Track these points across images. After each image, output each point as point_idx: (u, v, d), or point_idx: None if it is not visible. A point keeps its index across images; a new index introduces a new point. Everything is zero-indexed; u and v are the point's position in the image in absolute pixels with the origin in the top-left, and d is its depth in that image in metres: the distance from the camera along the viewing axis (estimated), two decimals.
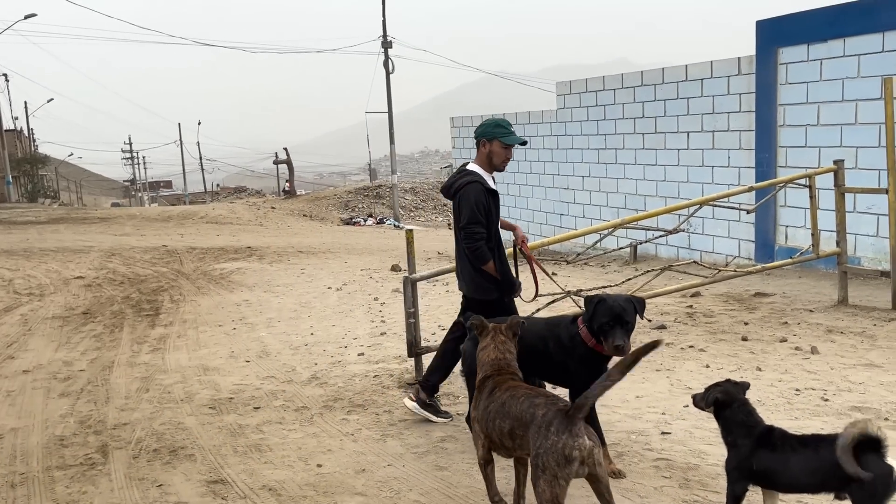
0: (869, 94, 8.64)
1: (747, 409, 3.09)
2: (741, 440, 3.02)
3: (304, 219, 31.84)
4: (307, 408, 5.32)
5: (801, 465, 2.84)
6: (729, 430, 3.08)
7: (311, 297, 10.34)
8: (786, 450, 2.90)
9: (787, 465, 2.87)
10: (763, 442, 2.97)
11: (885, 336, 6.10)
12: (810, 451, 2.84)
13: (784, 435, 2.98)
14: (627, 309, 3.70)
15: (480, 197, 4.52)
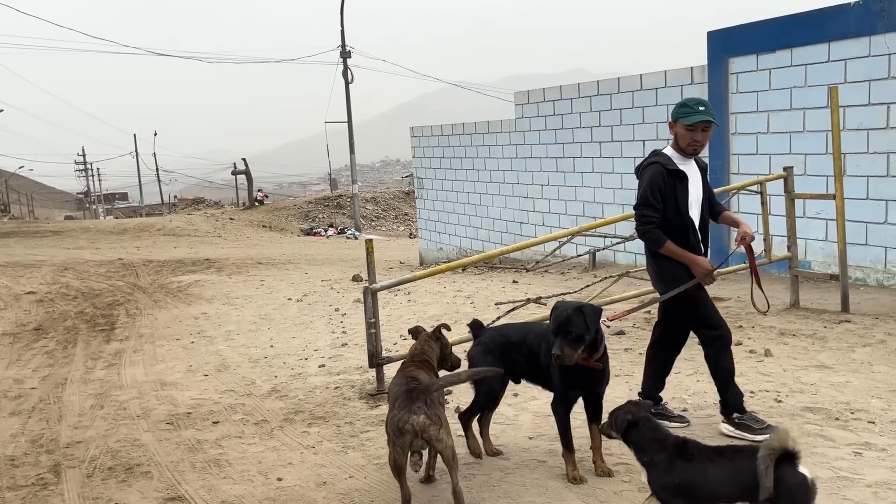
0: (816, 103, 8.90)
1: (652, 424, 3.11)
2: (656, 456, 3.02)
3: (263, 230, 31.52)
4: (267, 421, 5.26)
5: (719, 476, 2.85)
6: (642, 450, 3.08)
7: (271, 308, 10.24)
8: (703, 460, 2.91)
9: (706, 476, 2.88)
10: (678, 454, 2.97)
11: (835, 338, 6.27)
12: (727, 462, 2.85)
13: (699, 446, 3.00)
14: (572, 318, 3.60)
15: (656, 178, 4.22)
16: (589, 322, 3.62)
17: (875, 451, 3.90)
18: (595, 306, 3.90)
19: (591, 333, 3.64)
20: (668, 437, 3.06)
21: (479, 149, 15.81)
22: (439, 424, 3.41)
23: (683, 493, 2.95)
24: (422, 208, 18.62)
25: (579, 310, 3.64)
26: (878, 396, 4.79)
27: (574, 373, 3.77)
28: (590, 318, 3.63)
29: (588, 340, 3.65)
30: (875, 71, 8.37)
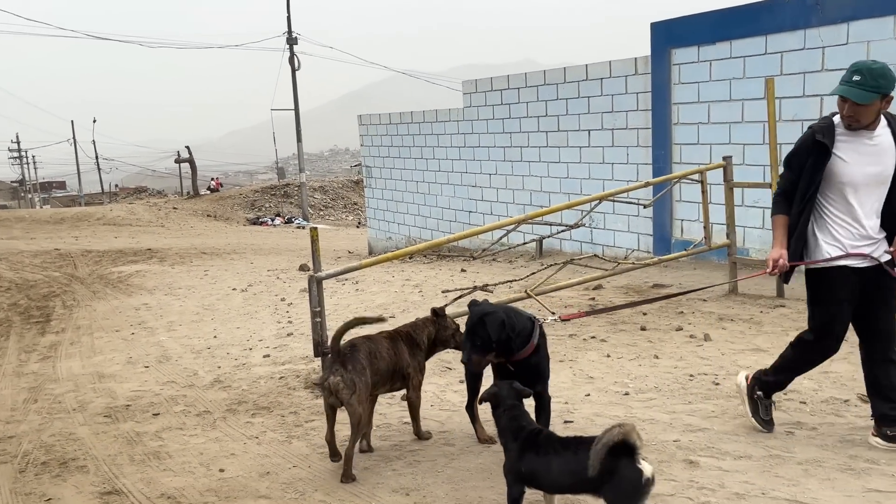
0: (754, 94, 9.13)
1: (513, 413, 3.16)
2: (510, 444, 3.09)
3: (208, 219, 30.91)
4: (209, 412, 5.17)
5: (561, 467, 2.91)
6: (501, 434, 3.17)
7: (215, 299, 10.06)
8: (549, 452, 2.97)
9: (550, 466, 2.94)
10: (529, 445, 3.03)
11: (770, 322, 6.47)
12: (570, 454, 2.90)
13: (549, 437, 3.05)
14: (476, 326, 3.60)
15: (799, 143, 3.82)
16: (491, 331, 3.57)
17: (806, 430, 4.04)
18: (504, 313, 3.68)
19: (495, 341, 3.59)
20: (523, 428, 3.10)
21: (427, 138, 15.78)
22: (351, 389, 3.71)
23: (529, 481, 3.03)
24: (370, 197, 18.51)
25: (482, 319, 3.60)
26: (809, 378, 4.94)
27: (502, 372, 3.81)
28: (491, 328, 3.57)
29: (496, 347, 3.62)
30: (809, 64, 8.64)
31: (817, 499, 3.19)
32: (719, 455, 3.76)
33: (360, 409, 3.74)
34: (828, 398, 4.53)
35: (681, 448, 3.87)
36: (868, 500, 3.16)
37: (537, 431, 3.11)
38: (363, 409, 3.79)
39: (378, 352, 3.97)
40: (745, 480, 3.44)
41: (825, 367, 5.13)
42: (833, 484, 3.34)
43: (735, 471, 3.53)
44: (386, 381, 4.07)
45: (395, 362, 4.06)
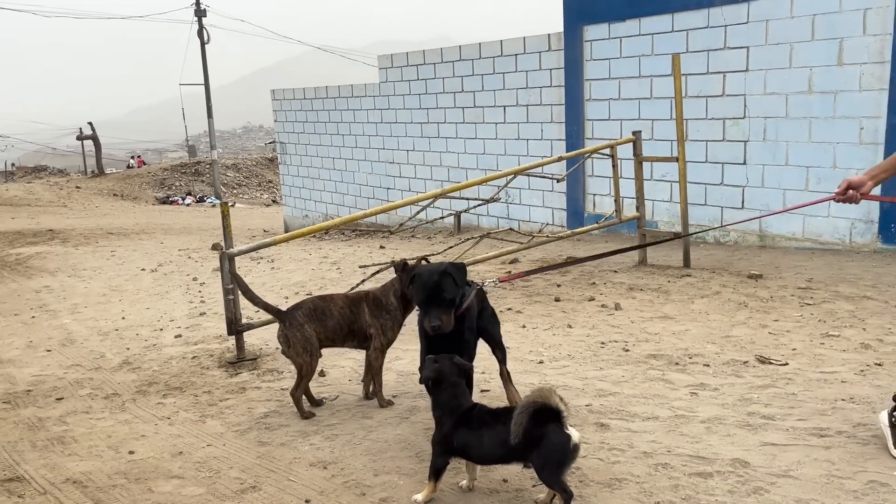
0: (662, 71, 9.41)
1: (454, 391, 3.16)
2: (445, 418, 3.12)
3: (114, 199, 29.63)
4: (118, 394, 4.98)
5: (491, 439, 2.96)
6: (436, 407, 3.18)
7: (123, 280, 9.68)
8: (481, 425, 3.02)
9: (482, 439, 3.00)
10: (463, 421, 3.07)
11: (677, 291, 6.73)
12: (500, 425, 2.93)
13: (482, 411, 3.11)
14: (442, 283, 3.44)
15: None
16: (459, 280, 3.49)
17: (708, 391, 4.24)
18: (457, 263, 3.72)
19: (460, 292, 3.50)
20: (461, 406, 3.13)
21: (343, 113, 15.56)
22: (286, 343, 4.17)
23: (459, 453, 3.08)
24: (286, 174, 18.15)
25: (447, 273, 3.46)
26: (712, 342, 5.20)
27: (432, 338, 3.57)
28: (458, 277, 3.48)
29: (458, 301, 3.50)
30: (713, 41, 8.96)
31: (718, 453, 3.36)
32: (628, 417, 3.90)
33: (299, 358, 4.15)
34: (729, 360, 4.76)
35: (592, 412, 4.00)
36: (764, 453, 3.35)
37: (472, 407, 3.13)
38: (303, 359, 4.15)
39: (327, 309, 4.22)
40: (652, 440, 3.58)
41: (727, 332, 5.40)
42: (733, 439, 3.52)
43: (643, 431, 3.67)
44: (339, 338, 4.27)
45: (351, 321, 4.24)
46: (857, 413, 3.73)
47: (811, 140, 8.26)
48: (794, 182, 8.49)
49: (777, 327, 5.43)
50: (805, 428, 3.59)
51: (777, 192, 8.66)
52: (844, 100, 7.93)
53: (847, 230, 8.12)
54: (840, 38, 7.86)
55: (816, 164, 8.26)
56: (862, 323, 5.38)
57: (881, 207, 7.79)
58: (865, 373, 4.35)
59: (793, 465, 3.20)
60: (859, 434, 3.47)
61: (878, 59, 7.61)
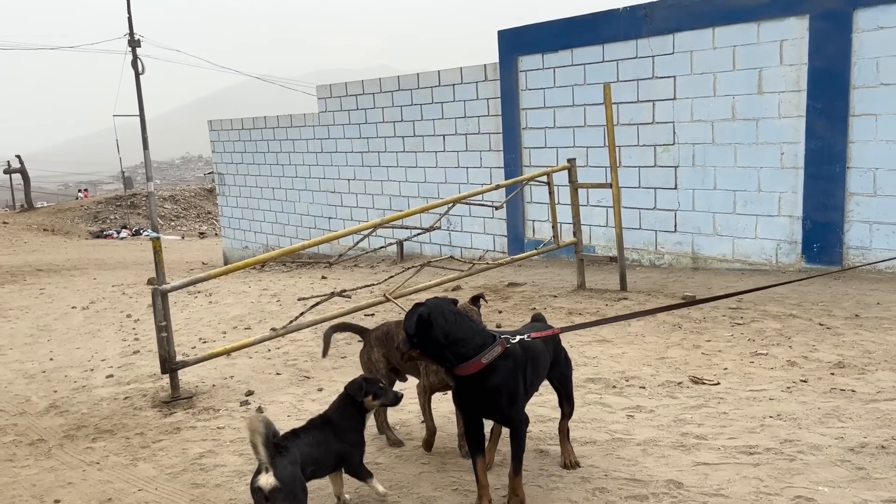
0: (595, 100, 9.67)
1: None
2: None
3: (44, 233, 28.63)
4: (44, 440, 4.78)
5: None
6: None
7: (52, 318, 9.34)
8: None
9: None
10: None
11: (614, 313, 6.85)
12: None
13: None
14: (408, 313, 3.10)
15: None
16: (409, 325, 3.08)
17: (644, 413, 4.32)
18: (447, 315, 3.08)
19: (415, 336, 3.07)
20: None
21: (282, 143, 15.46)
22: (362, 363, 4.23)
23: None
24: (224, 206, 17.87)
25: (413, 309, 3.08)
26: (648, 364, 5.31)
27: (456, 386, 3.25)
28: (410, 321, 3.06)
29: (417, 344, 3.09)
30: (642, 71, 9.26)
31: (653, 475, 3.42)
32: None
33: (366, 367, 4.18)
34: (664, 381, 4.86)
35: (532, 438, 4.02)
36: (697, 473, 3.42)
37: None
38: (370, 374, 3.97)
39: (396, 335, 3.96)
40: (590, 464, 3.62)
41: (662, 354, 5.52)
42: (667, 461, 3.59)
43: (581, 456, 3.71)
44: (405, 368, 4.01)
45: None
46: (784, 430, 3.85)
47: (737, 165, 8.58)
48: (723, 205, 8.78)
49: (709, 347, 5.58)
50: (735, 446, 3.68)
51: (707, 215, 8.95)
52: (766, 126, 8.28)
53: (773, 251, 8.43)
54: (759, 68, 8.23)
55: (742, 187, 8.57)
56: (788, 341, 5.57)
57: (804, 228, 8.12)
58: (792, 390, 4.51)
59: (724, 484, 3.28)
60: (786, 450, 3.58)
61: (795, 88, 7.98)
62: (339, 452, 3.24)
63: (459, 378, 3.08)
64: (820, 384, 4.59)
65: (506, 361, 3.08)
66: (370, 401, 3.36)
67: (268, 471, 2.78)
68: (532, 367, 3.26)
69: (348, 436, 3.28)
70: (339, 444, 3.24)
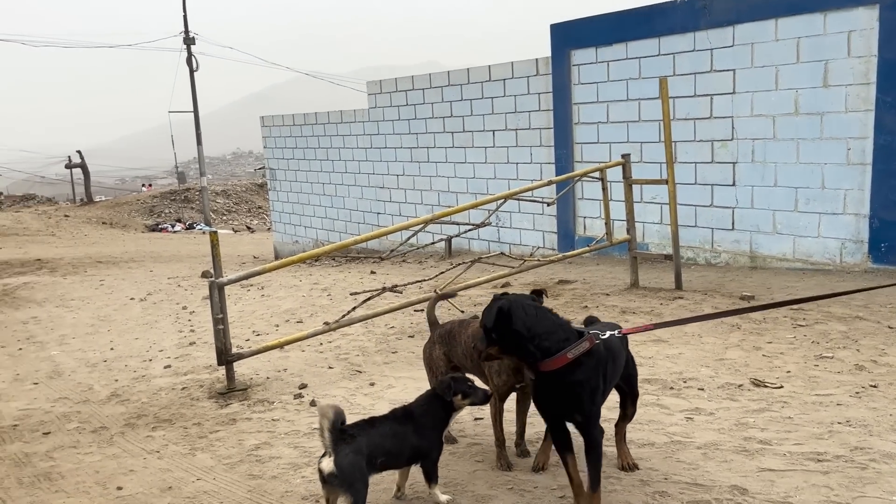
0: (649, 94, 9.48)
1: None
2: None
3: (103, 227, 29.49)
4: (106, 428, 4.90)
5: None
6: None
7: (111, 309, 9.59)
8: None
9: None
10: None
11: (669, 314, 6.72)
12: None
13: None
14: (486, 308, 3.08)
15: None
16: (489, 318, 3.01)
17: (704, 416, 4.21)
18: (528, 308, 3.00)
19: (493, 330, 3.01)
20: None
21: (332, 139, 15.58)
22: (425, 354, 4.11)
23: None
24: (275, 200, 18.12)
25: (494, 302, 3.03)
26: (706, 365, 5.17)
27: (535, 383, 3.16)
28: (489, 315, 2.99)
29: (497, 340, 3.02)
30: (699, 64, 9.04)
31: (715, 480, 3.32)
32: None
33: (427, 363, 4.09)
34: (724, 384, 4.73)
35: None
36: (762, 479, 3.31)
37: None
38: (427, 375, 4.07)
39: (459, 335, 3.90)
40: (648, 467, 3.54)
41: (721, 355, 5.38)
42: (730, 465, 3.48)
43: (639, 458, 3.63)
44: (466, 367, 3.90)
45: (472, 352, 3.73)
46: (854, 436, 3.70)
47: (799, 161, 8.32)
48: (783, 203, 8.52)
49: (771, 349, 5.41)
50: (802, 452, 3.55)
51: (766, 213, 8.70)
52: (831, 121, 7.99)
53: (837, 250, 8.15)
54: (825, 60, 7.95)
55: (805, 184, 8.30)
56: (855, 344, 5.37)
57: (871, 227, 7.83)
58: (861, 395, 4.33)
59: (791, 492, 3.16)
60: (857, 458, 3.44)
61: (864, 81, 7.69)
62: (416, 448, 3.21)
63: (541, 375, 2.98)
64: (891, 390, 4.41)
65: (590, 358, 2.98)
66: (459, 400, 3.29)
67: (330, 455, 2.89)
68: (612, 366, 3.18)
69: (429, 433, 3.24)
70: (419, 439, 3.20)
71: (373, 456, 3.02)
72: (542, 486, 3.43)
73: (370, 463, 3.00)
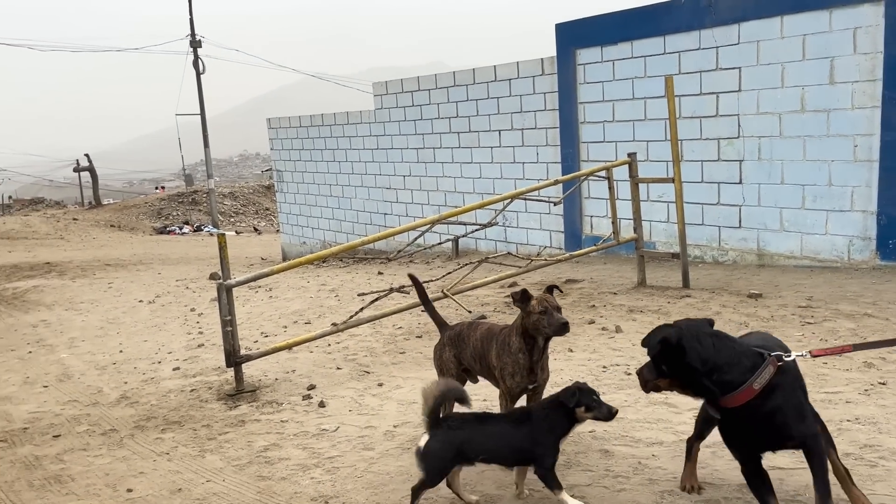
0: (655, 92, 9.47)
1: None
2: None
3: (111, 229, 29.63)
4: (116, 430, 4.93)
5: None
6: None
7: (120, 312, 9.64)
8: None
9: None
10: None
11: (677, 312, 6.70)
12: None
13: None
14: (649, 337, 2.80)
15: None
16: (662, 351, 2.71)
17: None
18: (703, 339, 2.69)
19: (666, 366, 2.72)
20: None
21: (339, 140, 15.62)
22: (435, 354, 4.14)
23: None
24: (282, 202, 18.17)
25: (658, 332, 2.74)
26: None
27: (721, 418, 2.82)
28: (665, 348, 2.69)
29: (669, 374, 2.74)
30: (705, 63, 9.02)
31: (724, 479, 3.32)
32: (632, 443, 3.85)
33: (437, 365, 4.10)
34: None
35: (596, 438, 3.95)
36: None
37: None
38: (441, 373, 4.04)
39: (468, 337, 3.93)
40: (658, 466, 3.54)
41: None
42: (739, 465, 3.47)
43: (648, 457, 3.63)
44: (476, 369, 3.96)
45: (481, 356, 3.84)
46: (864, 434, 3.69)
47: (806, 158, 8.29)
48: (790, 200, 8.50)
49: None
50: None
51: (774, 211, 8.67)
52: (837, 118, 7.96)
53: (845, 247, 8.12)
54: (831, 57, 7.92)
55: (812, 181, 8.27)
56: (864, 341, 5.35)
57: (878, 224, 7.79)
58: (870, 392, 4.32)
59: (801, 489, 3.16)
60: (867, 456, 3.43)
61: (870, 77, 7.65)
62: (525, 451, 3.16)
63: (727, 410, 2.68)
64: None
65: (783, 377, 2.68)
66: (582, 412, 3.17)
67: (424, 436, 3.10)
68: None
69: (544, 438, 3.14)
70: (531, 444, 3.14)
71: (468, 450, 3.11)
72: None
73: (462, 456, 3.11)
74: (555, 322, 3.51)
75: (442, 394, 3.12)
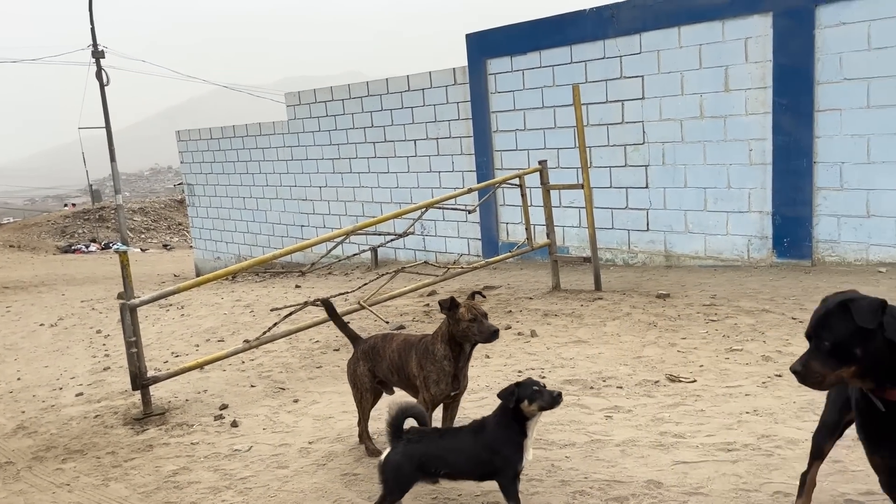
0: (564, 101, 9.70)
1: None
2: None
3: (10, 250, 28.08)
4: (12, 463, 4.66)
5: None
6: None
7: (19, 337, 9.13)
8: None
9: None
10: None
11: (590, 315, 6.87)
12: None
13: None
14: (827, 316, 2.24)
15: None
16: (861, 323, 2.12)
17: (623, 413, 4.31)
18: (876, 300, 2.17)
19: (859, 347, 2.14)
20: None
21: (252, 152, 15.31)
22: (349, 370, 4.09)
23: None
24: (195, 217, 17.66)
25: (843, 305, 2.18)
26: (624, 364, 5.31)
27: (867, 416, 2.32)
28: (861, 318, 2.12)
29: (862, 358, 2.15)
30: (610, 71, 9.31)
31: (633, 476, 3.41)
32: (546, 446, 3.91)
33: (352, 390, 4.06)
34: (641, 381, 4.86)
35: None
36: (676, 472, 3.41)
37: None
38: (353, 392, 4.05)
39: (382, 350, 3.92)
40: (570, 467, 3.60)
41: (638, 353, 5.52)
42: (646, 461, 3.58)
43: (561, 459, 3.69)
44: (393, 381, 3.94)
45: (399, 367, 3.81)
46: (761, 425, 3.87)
47: (706, 162, 8.66)
48: (694, 203, 8.85)
49: (685, 345, 5.60)
50: (714, 443, 3.68)
51: (679, 213, 9.01)
52: (733, 123, 8.36)
53: (745, 247, 8.51)
54: (725, 66, 8.31)
55: (712, 184, 8.65)
56: (762, 336, 5.61)
57: (774, 224, 8.21)
58: (767, 385, 4.53)
59: (703, 482, 3.27)
60: (764, 446, 3.59)
61: (761, 85, 8.07)
62: (485, 462, 3.04)
63: (891, 404, 2.17)
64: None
65: None
66: (527, 407, 3.01)
67: (386, 450, 3.12)
68: None
69: (501, 447, 3.02)
70: (489, 453, 3.03)
71: (428, 465, 3.05)
72: (465, 493, 3.44)
73: (423, 470, 3.06)
74: (485, 329, 3.53)
75: (402, 409, 3.08)
